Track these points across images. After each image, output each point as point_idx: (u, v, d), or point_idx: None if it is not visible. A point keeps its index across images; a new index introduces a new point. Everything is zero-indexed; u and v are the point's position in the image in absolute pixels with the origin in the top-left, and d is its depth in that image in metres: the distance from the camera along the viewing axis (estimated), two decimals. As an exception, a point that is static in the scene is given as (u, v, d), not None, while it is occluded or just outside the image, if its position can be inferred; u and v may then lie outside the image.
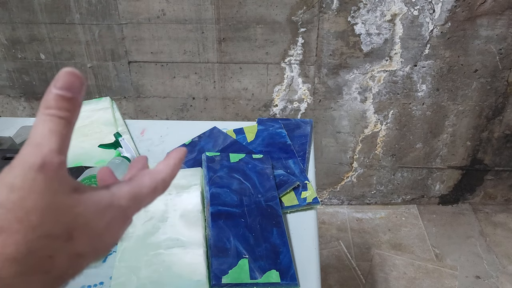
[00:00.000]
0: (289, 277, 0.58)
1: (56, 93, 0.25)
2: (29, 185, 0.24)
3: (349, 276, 1.60)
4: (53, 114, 0.26)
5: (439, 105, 1.66)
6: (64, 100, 0.26)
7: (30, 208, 0.24)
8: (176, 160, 0.33)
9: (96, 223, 0.27)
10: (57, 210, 0.25)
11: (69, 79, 0.26)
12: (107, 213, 0.28)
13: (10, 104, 1.77)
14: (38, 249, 0.24)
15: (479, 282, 1.58)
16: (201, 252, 0.60)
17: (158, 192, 0.32)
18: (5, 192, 0.24)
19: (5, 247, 0.23)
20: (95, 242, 0.28)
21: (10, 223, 0.24)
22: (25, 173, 0.24)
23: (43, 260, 0.25)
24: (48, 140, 0.25)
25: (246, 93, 1.68)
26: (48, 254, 0.25)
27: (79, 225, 0.26)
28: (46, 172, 0.25)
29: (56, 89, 0.26)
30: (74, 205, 0.26)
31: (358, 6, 1.47)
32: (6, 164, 0.72)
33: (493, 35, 1.50)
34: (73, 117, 0.26)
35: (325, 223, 1.85)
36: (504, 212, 1.88)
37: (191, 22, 1.53)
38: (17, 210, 0.24)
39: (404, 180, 1.87)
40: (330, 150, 1.80)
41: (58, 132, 0.26)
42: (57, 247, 0.25)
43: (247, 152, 0.82)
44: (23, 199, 0.24)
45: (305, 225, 0.69)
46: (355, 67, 1.60)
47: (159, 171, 0.32)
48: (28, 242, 0.24)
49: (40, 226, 0.24)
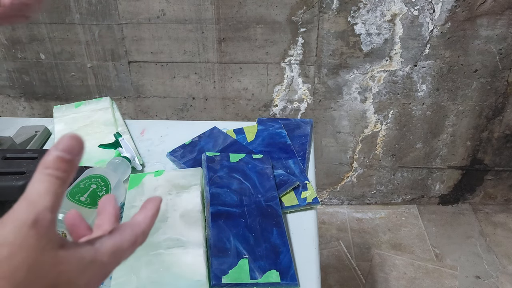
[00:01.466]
0: (289, 277, 0.58)
1: (56, 155, 0.27)
2: (21, 241, 0.25)
3: (349, 276, 1.60)
4: (51, 174, 0.27)
5: (439, 105, 1.66)
6: (63, 161, 0.27)
7: (17, 265, 0.25)
8: (153, 211, 0.35)
9: (77, 280, 0.28)
10: (42, 267, 0.26)
11: (70, 143, 0.28)
12: (89, 270, 0.29)
13: (10, 104, 1.77)
14: None
15: (479, 282, 1.58)
16: (201, 252, 0.60)
17: (137, 245, 0.33)
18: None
19: None
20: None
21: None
22: (19, 229, 0.25)
23: None
24: (43, 199, 0.26)
25: (246, 93, 1.68)
26: None
27: (61, 283, 0.27)
28: (38, 229, 0.26)
29: (57, 151, 0.27)
30: (59, 262, 0.27)
31: (358, 6, 1.47)
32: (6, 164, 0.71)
33: (493, 35, 1.50)
34: (68, 178, 0.28)
35: (325, 223, 1.85)
36: (504, 212, 1.88)
37: (191, 22, 1.53)
38: (4, 266, 0.24)
39: (404, 180, 1.87)
40: (330, 150, 1.80)
41: (53, 192, 0.27)
42: None
43: (247, 152, 0.82)
44: (12, 255, 0.25)
45: (305, 225, 0.69)
46: (355, 67, 1.60)
47: (139, 223, 0.33)
48: None
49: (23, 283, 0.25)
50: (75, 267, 0.28)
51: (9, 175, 0.65)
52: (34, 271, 0.25)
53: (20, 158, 0.70)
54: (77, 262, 0.28)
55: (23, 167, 0.66)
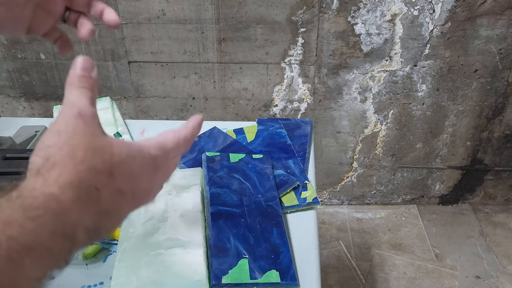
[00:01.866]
0: (289, 277, 0.58)
1: (78, 75, 0.33)
2: (72, 129, 0.30)
3: (349, 276, 1.60)
4: (79, 86, 0.33)
5: (439, 105, 1.66)
6: (84, 77, 0.34)
7: (76, 146, 0.30)
8: (194, 123, 0.40)
9: (130, 164, 0.32)
10: (96, 148, 0.30)
11: (85, 64, 0.34)
12: (138, 158, 0.33)
13: (10, 104, 1.77)
14: (86, 180, 0.29)
15: (479, 282, 1.58)
16: (201, 252, 0.60)
17: (181, 147, 0.38)
18: (55, 136, 0.30)
19: (61, 177, 0.28)
20: (132, 182, 0.33)
21: (61, 158, 0.29)
22: (68, 121, 0.31)
23: (91, 191, 0.30)
24: (80, 99, 0.32)
25: (246, 93, 1.68)
26: (95, 186, 0.30)
27: (116, 162, 0.31)
28: (83, 118, 0.31)
29: (78, 71, 0.34)
30: (110, 145, 0.31)
31: (358, 6, 1.47)
32: (6, 164, 0.71)
33: (493, 35, 1.50)
34: (93, 87, 0.34)
35: (325, 223, 1.85)
36: (504, 212, 1.88)
37: (191, 22, 1.53)
38: (65, 148, 0.29)
39: (404, 180, 1.87)
40: (330, 150, 1.80)
41: (85, 95, 0.33)
42: (102, 181, 0.30)
43: (247, 152, 0.82)
44: (69, 140, 0.30)
45: (305, 225, 0.69)
46: (355, 67, 1.60)
47: (181, 130, 0.39)
48: (78, 173, 0.29)
49: (85, 161, 0.29)
50: (125, 152, 0.32)
51: (9, 175, 0.65)
52: (90, 151, 0.30)
53: (20, 158, 0.70)
54: (125, 148, 0.32)
55: (23, 167, 0.66)
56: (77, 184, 0.29)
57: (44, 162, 0.29)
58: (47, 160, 0.29)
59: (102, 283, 0.60)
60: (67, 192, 0.28)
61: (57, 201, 0.28)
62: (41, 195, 0.28)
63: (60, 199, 0.28)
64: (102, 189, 0.30)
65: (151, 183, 0.35)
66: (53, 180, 0.28)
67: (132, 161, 0.32)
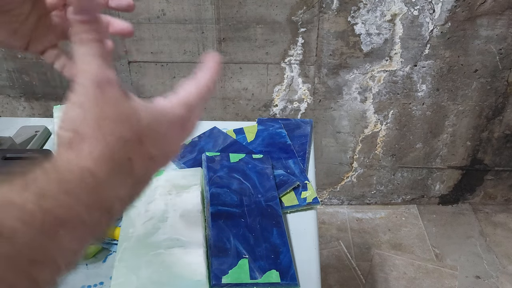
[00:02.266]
0: (289, 277, 0.58)
1: (77, 20, 0.29)
2: (94, 100, 0.29)
3: (349, 276, 1.60)
4: (84, 38, 0.29)
5: (439, 105, 1.66)
6: (86, 23, 0.29)
7: (101, 117, 0.29)
8: (212, 64, 0.37)
9: (157, 127, 0.31)
10: (122, 117, 0.29)
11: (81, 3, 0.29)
12: (163, 119, 0.32)
13: (10, 104, 1.77)
14: (118, 150, 0.29)
15: (479, 282, 1.58)
16: (201, 252, 0.60)
17: (204, 97, 0.36)
18: (78, 109, 0.29)
19: (93, 151, 0.28)
20: (162, 145, 0.32)
21: (91, 132, 0.28)
22: (86, 92, 0.29)
23: (124, 162, 0.29)
24: (92, 64, 0.29)
25: (246, 93, 1.68)
26: (127, 156, 0.29)
27: (143, 129, 0.30)
28: (101, 87, 0.29)
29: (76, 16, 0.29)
30: (134, 111, 0.30)
31: (358, 6, 1.47)
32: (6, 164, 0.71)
33: (493, 35, 1.50)
34: (101, 36, 0.30)
35: (325, 223, 1.85)
36: (504, 212, 1.88)
37: (191, 22, 1.53)
38: (92, 121, 0.28)
39: (404, 180, 1.87)
40: (330, 150, 1.80)
41: (96, 54, 0.29)
42: (133, 150, 0.30)
43: (247, 152, 0.82)
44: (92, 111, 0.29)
45: (305, 225, 0.69)
46: (355, 67, 1.60)
47: (199, 79, 0.36)
48: (109, 145, 0.28)
49: (114, 131, 0.29)
50: (152, 116, 0.31)
51: (9, 175, 0.65)
52: (117, 120, 0.29)
53: (20, 158, 0.70)
54: (150, 111, 0.31)
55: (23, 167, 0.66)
56: (110, 156, 0.28)
57: (73, 136, 0.28)
58: (76, 133, 0.28)
59: (102, 283, 0.60)
60: (101, 165, 0.28)
61: (92, 175, 0.28)
62: (77, 168, 0.27)
63: (95, 173, 0.28)
64: (134, 157, 0.30)
65: (179, 141, 0.35)
66: (87, 154, 0.28)
67: (159, 125, 0.32)
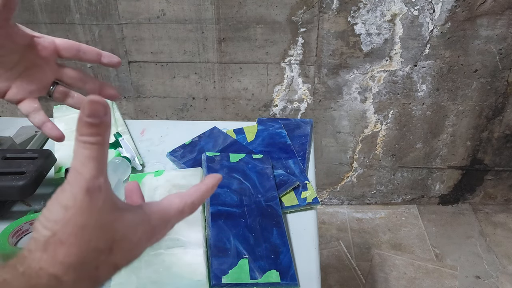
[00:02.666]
0: (289, 277, 0.58)
1: (86, 121, 0.29)
2: (79, 205, 0.29)
3: (349, 276, 1.60)
4: (87, 141, 0.30)
5: (439, 105, 1.66)
6: (94, 126, 0.29)
7: (82, 225, 0.29)
8: (208, 186, 0.38)
9: (130, 238, 0.32)
10: (102, 226, 0.30)
11: (94, 107, 0.29)
12: (139, 229, 0.33)
13: (10, 104, 1.77)
14: (89, 260, 0.30)
15: (479, 282, 1.58)
16: (201, 252, 0.60)
17: (185, 214, 0.36)
18: (62, 211, 0.29)
19: (67, 257, 0.29)
20: (128, 254, 0.33)
21: (67, 237, 0.29)
22: (75, 196, 0.29)
23: (91, 270, 0.30)
24: (87, 168, 0.30)
25: (246, 93, 1.68)
26: (95, 265, 0.30)
27: (117, 239, 0.31)
28: (90, 195, 0.29)
29: (86, 117, 0.29)
30: (114, 220, 0.31)
31: (358, 6, 1.47)
32: (6, 164, 0.70)
33: (493, 35, 1.50)
34: (104, 139, 0.30)
35: (325, 223, 1.85)
36: (504, 212, 1.88)
37: (191, 22, 1.53)
38: (71, 226, 0.29)
39: (404, 180, 1.87)
40: (330, 150, 1.80)
41: (94, 158, 0.30)
42: (102, 259, 0.30)
43: (247, 152, 0.82)
44: (75, 217, 0.29)
45: (305, 225, 0.69)
46: (355, 67, 1.60)
47: (190, 194, 0.37)
48: (82, 253, 0.29)
49: (90, 241, 0.29)
50: (128, 226, 0.32)
51: (9, 175, 0.65)
52: (96, 230, 0.30)
53: (20, 158, 0.70)
54: (129, 221, 0.32)
55: (23, 167, 0.66)
56: (80, 265, 0.29)
57: (51, 237, 0.29)
58: (54, 235, 0.29)
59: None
60: (70, 273, 0.29)
61: (58, 282, 0.29)
62: (46, 275, 0.29)
63: (62, 280, 0.29)
64: (101, 266, 0.31)
65: (143, 250, 0.35)
66: (59, 261, 0.29)
67: (132, 235, 0.32)
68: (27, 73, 0.54)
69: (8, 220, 0.67)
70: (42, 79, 0.56)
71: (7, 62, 0.52)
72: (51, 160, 0.71)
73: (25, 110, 0.55)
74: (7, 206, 0.71)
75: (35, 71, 0.55)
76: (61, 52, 0.57)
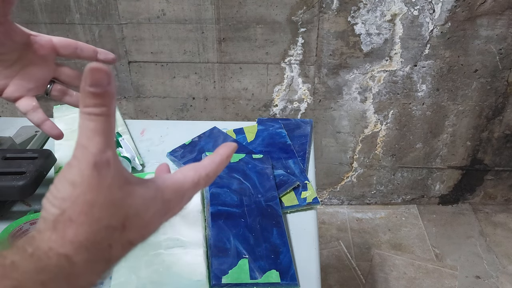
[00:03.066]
0: (289, 277, 0.58)
1: (89, 91, 0.27)
2: (87, 181, 0.28)
3: (349, 276, 1.60)
4: (92, 112, 0.28)
5: (439, 105, 1.66)
6: (98, 96, 0.27)
7: (92, 202, 0.28)
8: (222, 157, 0.37)
9: (143, 213, 0.31)
10: (113, 203, 0.29)
11: (96, 76, 0.27)
12: (152, 204, 0.31)
13: (10, 104, 1.77)
14: (101, 239, 0.28)
15: (479, 282, 1.58)
16: (201, 252, 0.60)
17: (200, 186, 0.35)
18: (70, 188, 0.28)
19: (78, 236, 0.27)
20: (143, 231, 0.31)
21: (77, 215, 0.27)
22: (82, 172, 0.28)
23: (104, 249, 0.29)
24: (93, 142, 0.28)
25: (246, 93, 1.68)
26: (108, 243, 0.29)
27: (130, 216, 0.30)
28: (98, 170, 0.28)
29: (88, 87, 0.27)
30: (125, 196, 0.29)
31: (358, 6, 1.47)
32: (6, 164, 0.71)
33: (493, 35, 1.50)
34: (110, 110, 0.28)
35: (325, 223, 1.85)
36: (504, 212, 1.88)
37: (191, 22, 1.53)
38: (81, 204, 0.28)
39: (404, 180, 1.87)
40: (330, 150, 1.80)
41: (100, 131, 0.28)
42: (115, 237, 0.29)
43: (247, 152, 0.82)
44: (84, 194, 0.28)
45: (305, 225, 0.69)
46: (355, 67, 1.60)
47: (204, 166, 0.36)
48: (94, 232, 0.28)
49: (101, 219, 0.28)
50: (140, 201, 0.30)
51: (9, 175, 0.65)
52: (107, 207, 0.28)
53: (20, 158, 0.70)
54: (141, 196, 0.30)
55: (23, 167, 0.66)
56: (91, 244, 0.28)
57: (60, 215, 0.28)
58: (63, 213, 0.28)
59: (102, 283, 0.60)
60: (81, 253, 0.27)
61: (70, 263, 0.27)
62: (55, 256, 0.27)
63: (73, 260, 0.27)
64: (114, 244, 0.29)
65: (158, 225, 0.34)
66: (69, 240, 0.27)
67: (145, 211, 0.31)
68: (25, 71, 0.54)
69: (8, 220, 0.67)
70: (39, 77, 0.56)
71: (5, 60, 0.52)
72: (51, 160, 0.71)
73: (23, 108, 0.55)
74: (7, 206, 0.71)
75: (32, 69, 0.55)
76: (59, 50, 0.57)
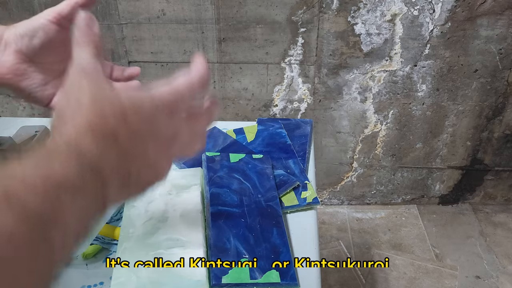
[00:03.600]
0: (289, 277, 0.58)
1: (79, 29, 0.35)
2: (77, 85, 0.32)
3: (349, 276, 1.60)
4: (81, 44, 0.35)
5: (439, 105, 1.66)
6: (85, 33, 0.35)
7: (82, 99, 0.31)
8: (201, 61, 0.39)
9: (142, 108, 0.33)
10: (103, 97, 0.32)
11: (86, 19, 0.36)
12: (148, 102, 0.33)
13: (10, 104, 1.77)
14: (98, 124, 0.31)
15: (479, 282, 1.58)
16: (201, 252, 0.60)
17: (195, 89, 0.37)
18: (64, 97, 0.33)
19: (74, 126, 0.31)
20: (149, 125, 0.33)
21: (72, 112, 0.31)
22: (72, 80, 0.33)
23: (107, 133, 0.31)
24: (82, 56, 0.34)
25: (246, 93, 1.68)
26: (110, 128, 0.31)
27: (127, 107, 0.32)
28: (86, 73, 0.33)
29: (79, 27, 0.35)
30: (117, 94, 0.32)
31: (358, 6, 1.47)
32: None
33: (493, 35, 1.50)
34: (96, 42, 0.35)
35: (325, 223, 1.85)
36: (504, 212, 1.88)
37: (191, 22, 1.53)
38: (73, 103, 0.32)
39: (404, 180, 1.87)
40: (330, 150, 1.80)
41: (88, 51, 0.34)
42: (115, 124, 0.32)
43: (247, 152, 0.82)
44: (75, 94, 0.32)
45: (305, 225, 0.69)
46: (355, 67, 1.60)
47: (191, 71, 0.38)
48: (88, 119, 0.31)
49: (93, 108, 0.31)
50: (136, 97, 0.33)
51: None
52: (97, 100, 0.31)
53: (20, 158, 0.69)
54: (136, 94, 0.33)
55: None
56: (91, 128, 0.30)
57: (58, 120, 0.32)
58: (60, 117, 0.31)
59: (102, 283, 0.60)
60: (84, 137, 0.30)
61: (77, 145, 0.30)
62: (63, 143, 0.30)
63: (79, 143, 0.30)
64: (118, 130, 0.31)
65: (171, 129, 0.35)
66: (69, 130, 0.30)
67: (142, 105, 0.33)
68: None
69: (8, 220, 0.67)
70: None
71: (56, 70, 0.53)
72: (51, 160, 0.71)
73: None
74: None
75: None
76: None
